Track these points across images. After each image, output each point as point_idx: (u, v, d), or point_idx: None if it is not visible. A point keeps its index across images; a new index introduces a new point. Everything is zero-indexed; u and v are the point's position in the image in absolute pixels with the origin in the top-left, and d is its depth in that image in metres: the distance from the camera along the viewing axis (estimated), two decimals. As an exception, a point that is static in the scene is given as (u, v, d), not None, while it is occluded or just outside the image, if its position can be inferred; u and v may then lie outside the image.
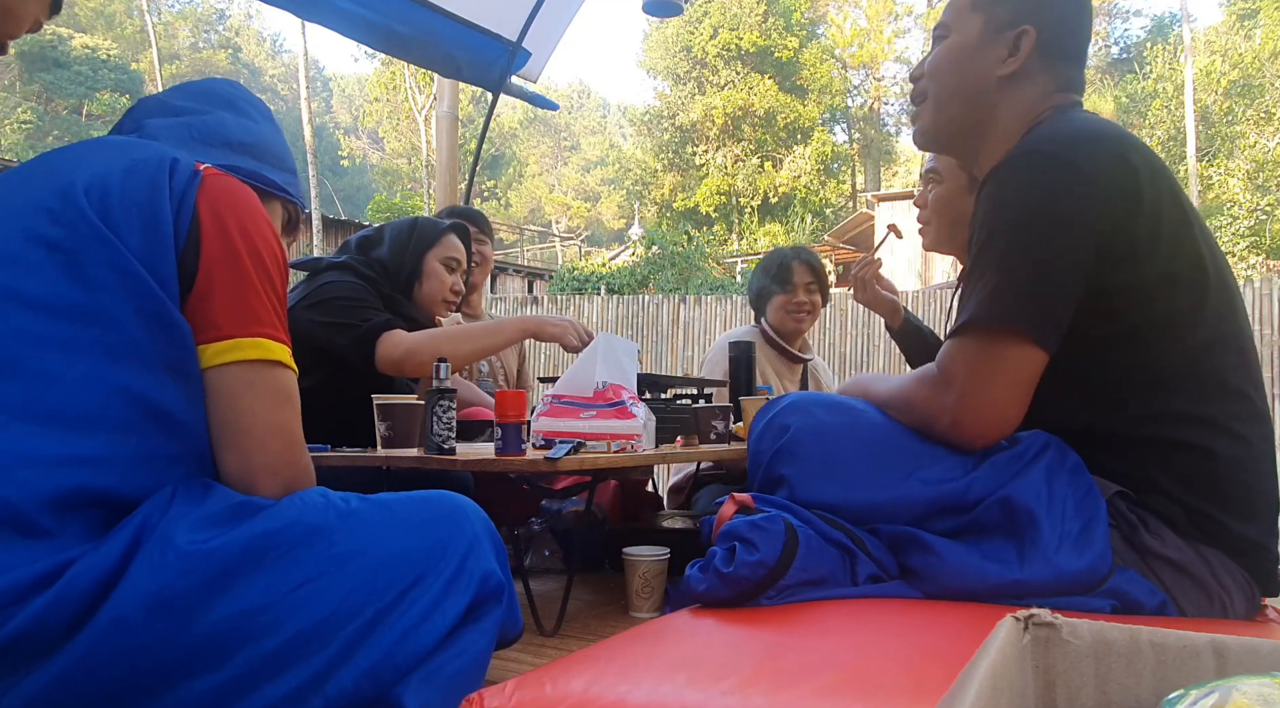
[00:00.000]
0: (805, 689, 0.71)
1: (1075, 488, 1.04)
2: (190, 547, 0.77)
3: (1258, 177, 13.46)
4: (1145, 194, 1.04)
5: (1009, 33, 1.20)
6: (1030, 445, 1.09)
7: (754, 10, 21.02)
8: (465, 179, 4.52)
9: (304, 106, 17.00)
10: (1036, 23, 1.19)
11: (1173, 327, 1.05)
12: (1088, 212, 1.03)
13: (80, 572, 0.73)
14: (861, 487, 1.11)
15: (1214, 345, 1.06)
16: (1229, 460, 1.04)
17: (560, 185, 33.83)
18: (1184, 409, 1.05)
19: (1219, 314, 1.07)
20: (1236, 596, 1.04)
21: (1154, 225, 1.04)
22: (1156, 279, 1.04)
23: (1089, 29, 1.24)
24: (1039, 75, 1.20)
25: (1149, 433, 1.06)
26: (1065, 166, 1.05)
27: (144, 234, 0.85)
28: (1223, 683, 0.48)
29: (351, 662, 0.79)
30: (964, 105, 1.25)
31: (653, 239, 13.46)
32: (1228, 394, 1.06)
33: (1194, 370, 1.06)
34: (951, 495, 1.07)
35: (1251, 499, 1.06)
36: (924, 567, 1.05)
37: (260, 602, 0.77)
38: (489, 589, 0.90)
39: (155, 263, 0.84)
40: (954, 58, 1.25)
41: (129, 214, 0.85)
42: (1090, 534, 1.01)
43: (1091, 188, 1.04)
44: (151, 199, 0.86)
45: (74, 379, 0.79)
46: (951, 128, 1.28)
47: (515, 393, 1.41)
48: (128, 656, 0.73)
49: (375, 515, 0.89)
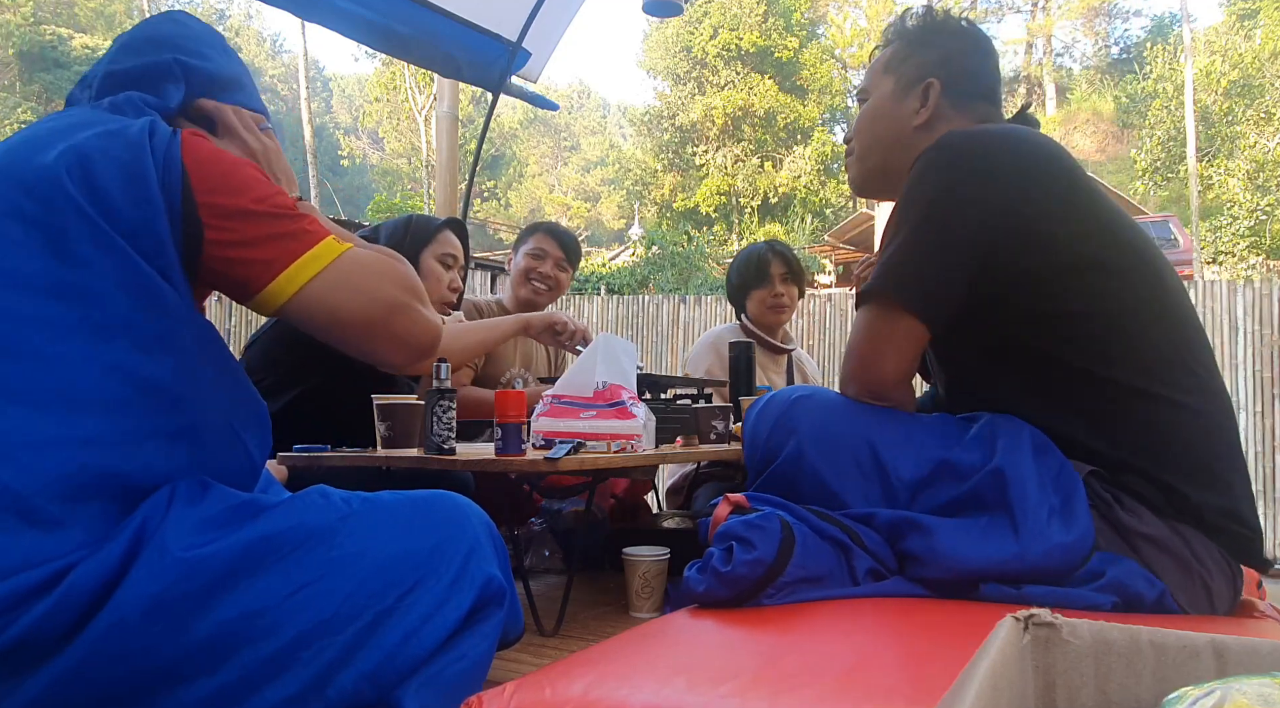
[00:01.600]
0: (806, 693, 0.71)
1: (1050, 464, 1.08)
2: (189, 551, 0.76)
3: (1258, 177, 13.47)
4: (1044, 183, 1.13)
5: (917, 87, 1.34)
6: (1001, 423, 1.13)
7: (754, 10, 21.01)
8: (465, 179, 4.53)
9: (304, 106, 17.00)
10: (941, 74, 1.32)
11: (1105, 305, 1.12)
12: (974, 192, 1.13)
13: (80, 577, 0.73)
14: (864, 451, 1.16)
15: (1150, 324, 1.13)
16: (1185, 433, 1.09)
17: (560, 185, 33.83)
18: (1135, 384, 1.10)
19: (1153, 295, 1.14)
20: (1215, 573, 1.06)
21: (1066, 214, 1.13)
22: (1076, 262, 1.12)
23: (995, 69, 1.37)
24: (954, 117, 1.32)
25: (1106, 410, 1.12)
26: (967, 156, 1.16)
27: (131, 199, 0.83)
28: (1223, 683, 0.48)
29: (352, 665, 0.79)
30: (884, 153, 1.38)
31: (653, 239, 13.46)
32: (1171, 367, 1.12)
33: (1132, 346, 1.12)
34: (938, 458, 1.12)
35: (1214, 470, 1.09)
36: (923, 551, 1.06)
37: (260, 605, 0.77)
38: (490, 593, 0.89)
39: (147, 227, 0.83)
40: (871, 116, 1.39)
41: (112, 181, 0.83)
42: (1072, 508, 1.04)
43: (981, 172, 1.14)
44: (136, 159, 0.85)
45: (65, 359, 0.79)
46: (875, 174, 1.41)
47: (515, 393, 1.41)
48: (127, 658, 0.73)
49: (376, 517, 0.88)
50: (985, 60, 1.35)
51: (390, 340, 0.93)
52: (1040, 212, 1.12)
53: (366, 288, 0.91)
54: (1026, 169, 1.14)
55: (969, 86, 1.33)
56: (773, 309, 2.68)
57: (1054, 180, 1.14)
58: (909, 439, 1.15)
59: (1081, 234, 1.13)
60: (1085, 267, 1.12)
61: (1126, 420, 1.10)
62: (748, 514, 1.10)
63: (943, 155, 1.17)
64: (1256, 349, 5.77)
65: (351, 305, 0.90)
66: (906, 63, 1.36)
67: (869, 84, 1.41)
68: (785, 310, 2.70)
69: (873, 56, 1.44)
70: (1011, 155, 1.15)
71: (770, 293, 2.67)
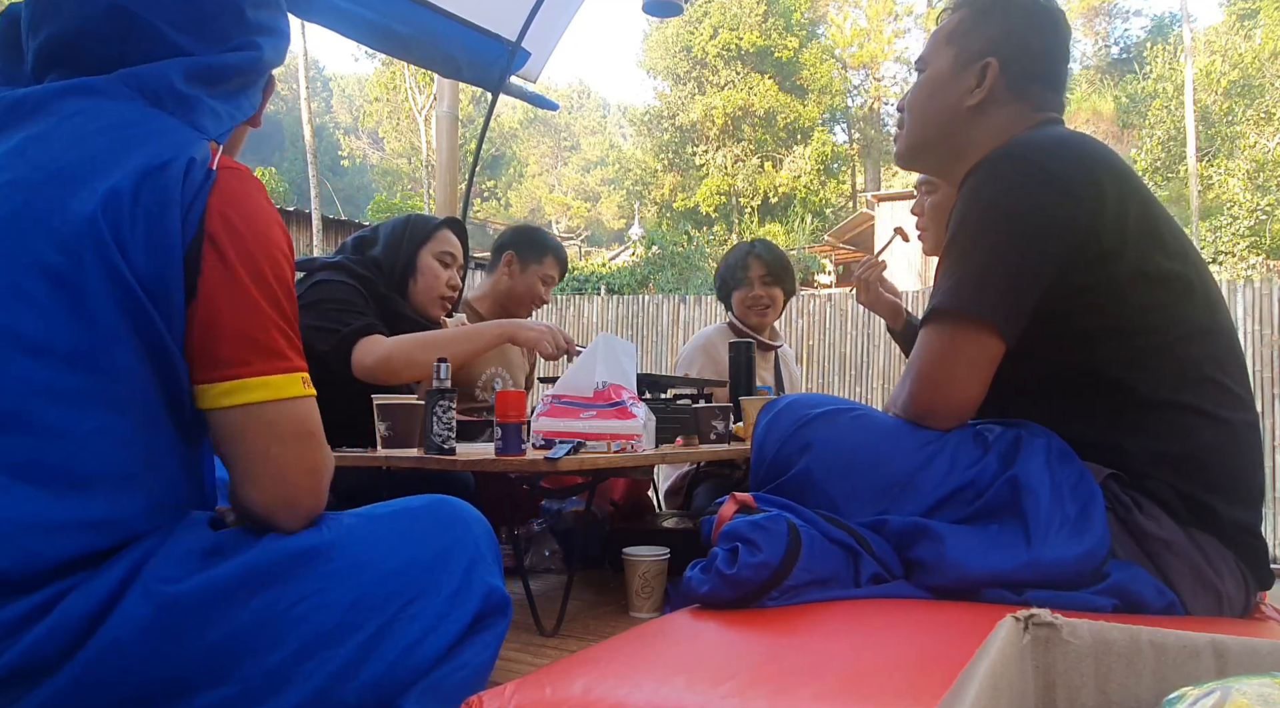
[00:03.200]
0: (805, 692, 0.71)
1: (1069, 473, 1.07)
2: (187, 575, 0.75)
3: (1258, 177, 13.45)
4: (1109, 198, 1.10)
5: (975, 64, 1.28)
6: (1024, 432, 1.12)
7: (754, 10, 21.00)
8: (465, 179, 4.52)
9: (304, 106, 16.97)
10: (1000, 54, 1.26)
11: (1150, 320, 1.10)
12: (1055, 210, 1.10)
13: (75, 602, 0.72)
14: (880, 472, 1.13)
15: (1193, 338, 1.11)
16: (1212, 444, 1.08)
17: (560, 185, 33.81)
18: (1167, 396, 1.09)
19: (1197, 311, 1.12)
20: (1231, 584, 1.05)
21: (1120, 227, 1.10)
22: (1131, 276, 1.10)
23: (1063, 51, 1.29)
24: (1010, 102, 1.27)
25: (1134, 419, 1.10)
26: (1035, 167, 1.12)
27: (150, 256, 0.76)
28: (1223, 683, 0.48)
29: (355, 676, 0.78)
30: (937, 131, 1.34)
31: (653, 239, 13.46)
32: (1207, 382, 1.10)
33: (1173, 359, 1.10)
34: (963, 480, 1.09)
35: (1238, 483, 1.09)
36: (932, 558, 1.05)
37: (261, 618, 0.76)
38: (493, 603, 0.89)
39: (161, 286, 0.76)
40: (928, 89, 1.34)
41: (137, 232, 0.76)
42: (1088, 518, 1.03)
43: (1059, 188, 1.10)
44: (162, 214, 0.77)
45: (80, 434, 0.73)
46: (924, 150, 1.37)
47: (516, 393, 1.41)
48: (125, 674, 0.72)
49: (375, 529, 0.87)
50: (1052, 39, 1.28)
51: (268, 505, 0.83)
52: (1109, 227, 1.10)
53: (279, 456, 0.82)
54: (1100, 182, 1.11)
55: (1030, 67, 1.27)
56: (753, 310, 2.71)
57: (1122, 195, 1.12)
58: (929, 465, 1.12)
59: (1141, 250, 1.10)
60: (1141, 281, 1.10)
61: (1158, 432, 1.09)
62: (754, 514, 1.09)
63: (1020, 167, 1.13)
64: (1256, 349, 5.76)
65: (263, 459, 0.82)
66: (969, 36, 1.30)
67: (929, 53, 1.35)
68: (767, 312, 2.72)
69: (939, 20, 1.38)
70: (1087, 169, 1.12)
71: (749, 294, 2.69)
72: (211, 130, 0.87)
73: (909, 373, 1.18)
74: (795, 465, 1.16)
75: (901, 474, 1.12)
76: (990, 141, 1.25)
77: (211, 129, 0.87)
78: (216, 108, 0.88)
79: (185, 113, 0.85)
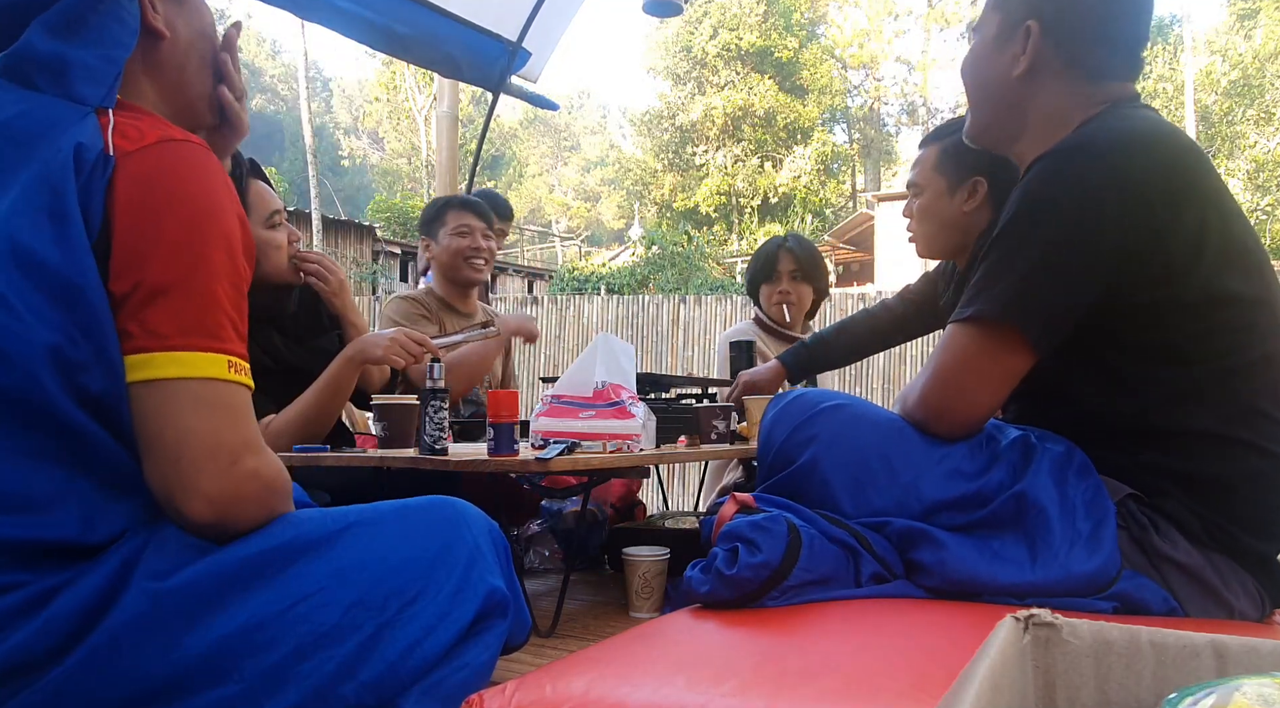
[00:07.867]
0: (805, 692, 0.71)
1: (1084, 488, 1.03)
2: (183, 568, 0.75)
3: (1258, 177, 13.47)
4: (1189, 211, 1.00)
5: (1019, 29, 1.16)
6: (1036, 437, 1.09)
7: (754, 10, 21.00)
8: (465, 179, 4.53)
9: (304, 107, 16.98)
10: (1043, 15, 1.14)
11: (1213, 345, 1.02)
12: (1122, 219, 1.00)
13: (68, 598, 0.72)
14: (885, 469, 1.11)
15: (1254, 366, 1.03)
16: (1252, 480, 1.02)
17: (560, 185, 33.83)
18: (1211, 428, 1.02)
19: (1262, 336, 1.03)
20: (1247, 605, 1.03)
21: (1197, 244, 1.00)
22: (1199, 298, 1.01)
23: (1123, 5, 1.13)
24: (1061, 69, 1.15)
25: (1173, 444, 1.04)
26: (1107, 168, 1.01)
27: (60, 245, 0.73)
28: (1223, 683, 0.48)
29: (353, 677, 0.78)
30: (993, 107, 1.24)
31: (653, 239, 13.46)
32: (1258, 416, 1.02)
33: (1227, 390, 1.02)
34: (968, 490, 1.07)
35: (1264, 516, 1.04)
36: (933, 563, 1.04)
37: (259, 618, 0.76)
38: (493, 604, 0.88)
39: (78, 278, 0.73)
40: (974, 59, 1.25)
41: (41, 229, 0.73)
42: (1100, 536, 1.00)
43: (1133, 195, 1.00)
44: (58, 205, 0.74)
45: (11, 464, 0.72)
46: (986, 129, 1.27)
47: (508, 393, 1.41)
48: (121, 673, 0.72)
49: (375, 527, 0.87)
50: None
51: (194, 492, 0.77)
52: (1183, 244, 1.00)
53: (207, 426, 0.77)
54: (1179, 191, 1.00)
55: (1077, 27, 1.13)
56: (777, 305, 2.69)
57: (1204, 208, 1.01)
58: (938, 464, 1.09)
59: (1215, 269, 1.01)
60: (1206, 305, 1.01)
61: (1193, 457, 1.03)
62: (754, 514, 1.09)
63: (1091, 166, 1.02)
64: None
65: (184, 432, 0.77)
66: None
67: (980, 19, 1.24)
68: (792, 307, 2.70)
69: None
70: (1167, 176, 1.01)
71: (776, 289, 2.68)
72: (91, 96, 0.80)
73: (928, 369, 1.12)
74: (801, 457, 1.15)
75: (906, 472, 1.10)
76: (1049, 117, 1.16)
77: (91, 94, 0.80)
78: (87, 60, 0.81)
79: (58, 84, 0.80)
